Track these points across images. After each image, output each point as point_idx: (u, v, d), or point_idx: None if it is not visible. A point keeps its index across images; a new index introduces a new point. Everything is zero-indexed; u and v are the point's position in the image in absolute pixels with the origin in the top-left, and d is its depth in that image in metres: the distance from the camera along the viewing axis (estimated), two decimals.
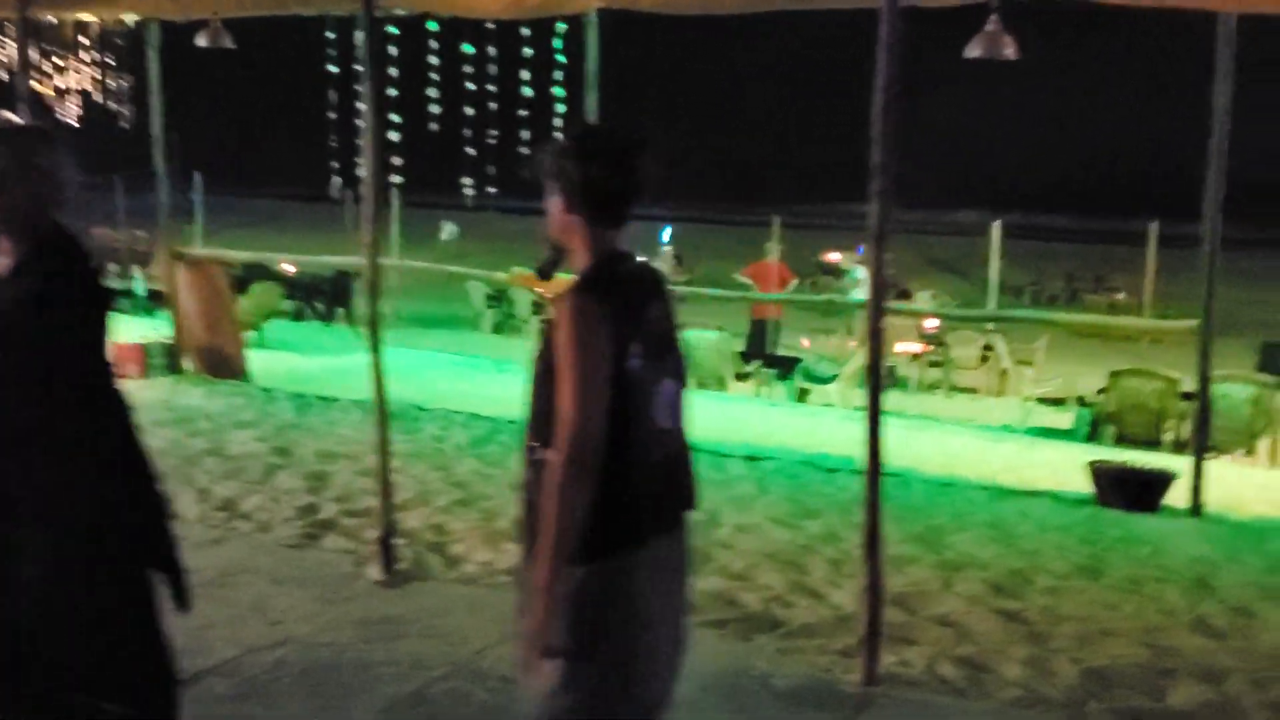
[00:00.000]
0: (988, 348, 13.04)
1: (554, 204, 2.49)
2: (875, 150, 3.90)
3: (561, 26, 7.34)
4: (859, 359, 11.51)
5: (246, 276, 16.44)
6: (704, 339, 10.62)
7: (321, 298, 17.76)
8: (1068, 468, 7.39)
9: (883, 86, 3.87)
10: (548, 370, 2.39)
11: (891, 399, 12.61)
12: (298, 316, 17.54)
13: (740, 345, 12.25)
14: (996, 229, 18.21)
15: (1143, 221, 20.01)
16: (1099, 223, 37.42)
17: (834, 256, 24.78)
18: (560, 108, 7.63)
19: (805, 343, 14.41)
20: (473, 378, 10.67)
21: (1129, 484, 6.52)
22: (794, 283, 16.92)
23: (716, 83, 55.83)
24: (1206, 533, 6.11)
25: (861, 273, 15.94)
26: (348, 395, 8.72)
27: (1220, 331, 7.05)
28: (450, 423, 8.06)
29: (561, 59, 7.39)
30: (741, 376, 10.71)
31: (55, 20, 8.67)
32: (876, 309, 4.16)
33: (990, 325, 14.23)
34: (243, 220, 34.18)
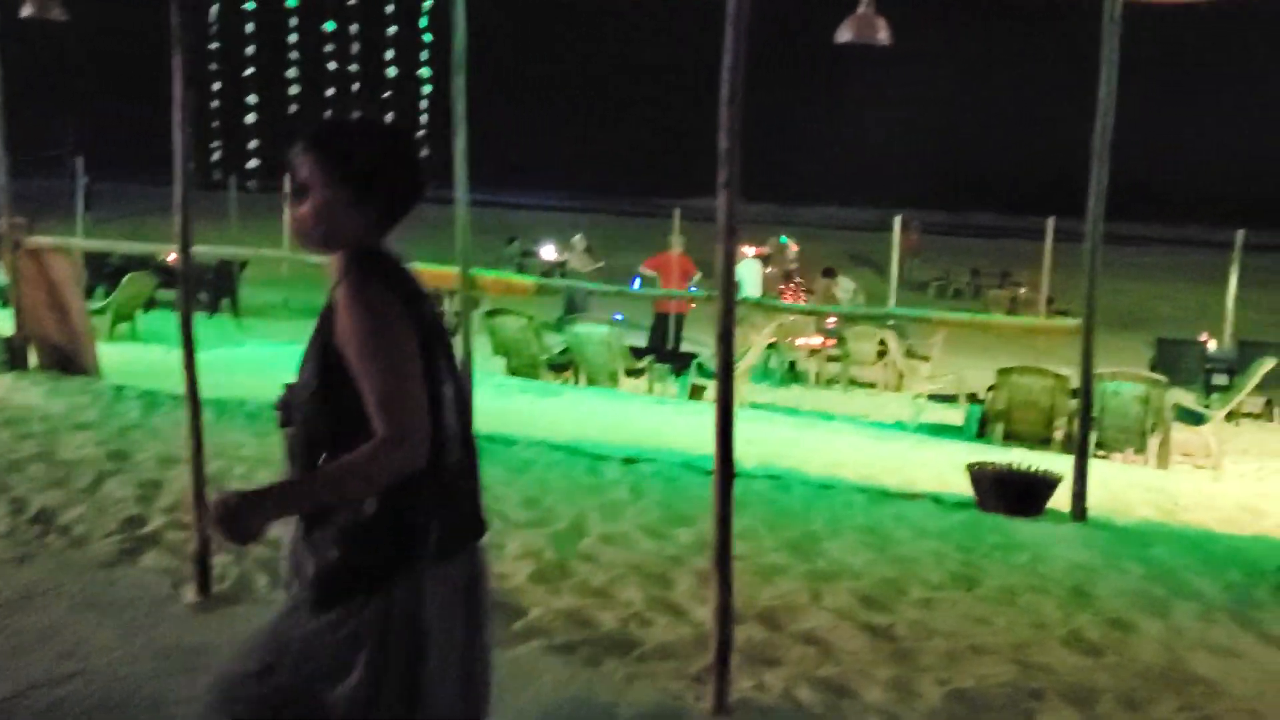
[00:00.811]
0: (883, 343, 12.90)
1: (330, 194, 2.24)
2: (722, 137, 3.56)
3: (428, 4, 6.89)
4: (750, 355, 11.28)
5: (124, 266, 15.69)
6: (594, 334, 10.26)
7: (204, 288, 17.03)
8: (953, 468, 7.19)
9: (729, 66, 3.54)
10: (332, 368, 2.18)
11: (790, 394, 12.58)
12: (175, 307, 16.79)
13: (635, 340, 11.91)
14: (897, 224, 18.26)
15: (1050, 218, 20.14)
16: (1013, 219, 37.88)
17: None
18: (427, 88, 7.19)
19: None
20: None
21: (1009, 487, 6.32)
22: (697, 275, 16.66)
23: (605, 70, 55.27)
24: (1088, 538, 5.92)
25: (749, 268, 15.75)
26: (207, 393, 8.17)
27: (1120, 327, 6.90)
28: None
29: (427, 38, 6.94)
30: (633, 373, 10.38)
31: None
32: (726, 311, 3.82)
33: (891, 321, 14.11)
34: (141, 209, 32.96)
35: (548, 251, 23.06)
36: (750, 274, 15.87)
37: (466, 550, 2.39)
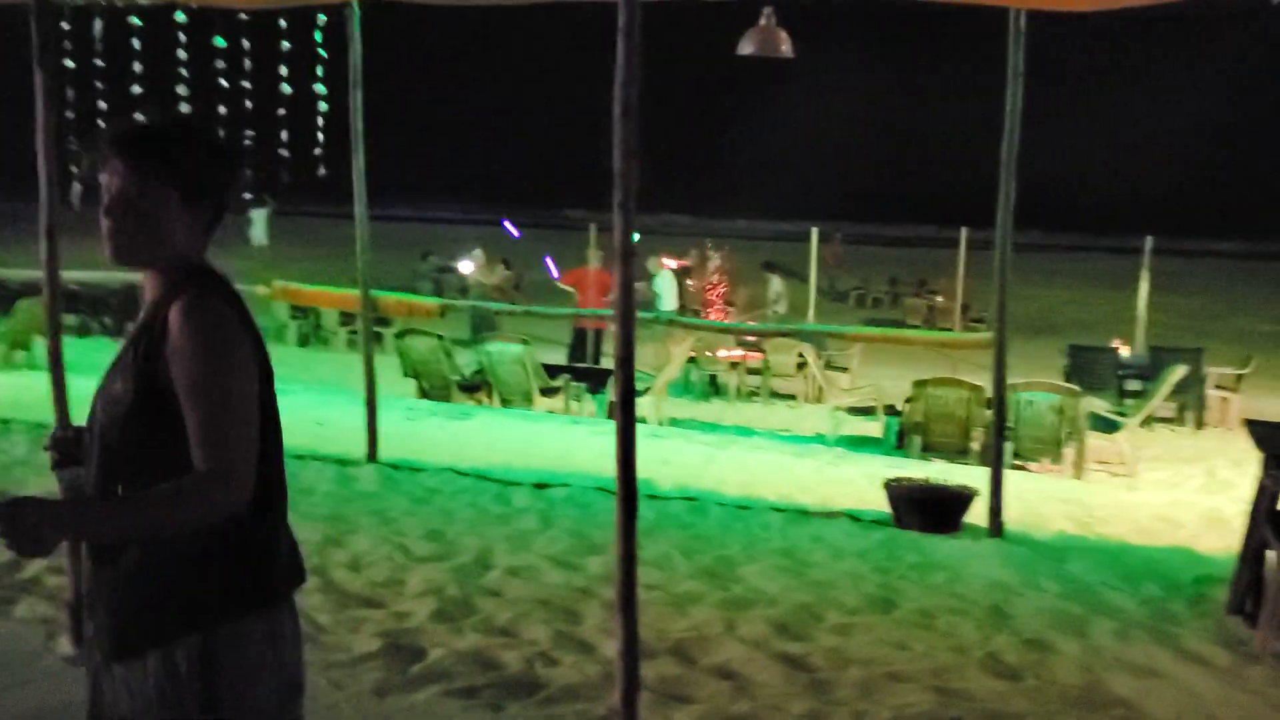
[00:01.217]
0: (802, 354, 12.85)
1: (157, 199, 2.03)
2: (616, 155, 3.39)
3: (322, 19, 6.66)
4: (669, 370, 11.14)
5: (21, 291, 15.09)
6: (506, 352, 10.03)
7: (108, 312, 16.46)
8: (872, 483, 7.09)
9: (622, 82, 3.37)
10: (152, 392, 1.97)
11: (710, 409, 12.45)
12: (82, 332, 16.22)
13: (548, 358, 11.69)
14: (814, 235, 18.36)
15: (963, 228, 20.35)
16: (928, 230, 38.35)
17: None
18: (323, 105, 6.95)
19: None
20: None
21: (925, 504, 6.23)
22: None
23: (505, 80, 54.93)
24: (1005, 555, 5.85)
25: (666, 280, 15.59)
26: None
27: (1033, 334, 6.85)
28: None
29: (323, 53, 6.71)
30: (548, 392, 10.16)
31: None
32: (625, 338, 3.65)
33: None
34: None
35: (465, 266, 22.71)
36: (667, 287, 15.72)
37: (280, 605, 2.17)
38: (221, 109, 7.37)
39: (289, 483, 2.21)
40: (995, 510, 6.16)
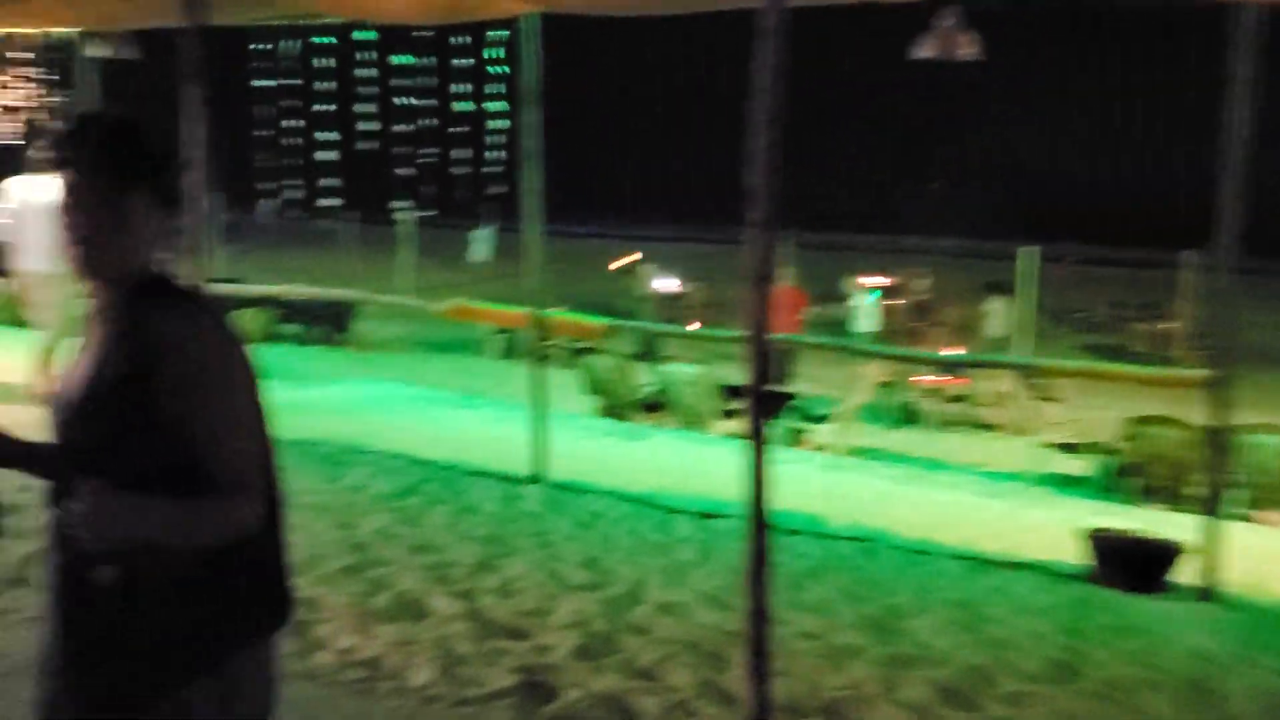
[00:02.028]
0: (1010, 382, 12.07)
1: (129, 202, 1.87)
2: (755, 169, 3.09)
3: (501, 35, 6.59)
4: (858, 395, 10.64)
5: (246, 301, 15.94)
6: (684, 373, 9.79)
7: (321, 322, 17.19)
8: (1069, 530, 6.47)
9: (765, 87, 3.07)
10: (135, 410, 1.83)
11: (901, 438, 11.85)
12: (298, 341, 17.01)
13: (728, 379, 11.37)
14: (1033, 255, 17.24)
15: (1191, 251, 18.88)
16: (1138, 251, 35.96)
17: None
18: (498, 124, 6.89)
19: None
20: (440, 411, 9.93)
21: (1127, 557, 5.60)
22: (810, 309, 15.99)
23: (690, 92, 54.39)
24: (1218, 621, 5.18)
25: (865, 301, 14.97)
26: (288, 434, 8.02)
27: (1272, 367, 6.11)
28: (383, 468, 7.31)
29: (501, 70, 6.63)
30: (726, 415, 9.86)
31: None
32: (758, 360, 3.34)
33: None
34: (262, 241, 33.84)
35: (664, 283, 22.59)
36: (867, 308, 15.14)
37: (270, 642, 2.04)
38: (407, 126, 7.41)
39: (458, 499, 2.06)
40: (1211, 567, 5.48)
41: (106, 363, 1.87)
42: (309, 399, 9.99)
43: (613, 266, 25.12)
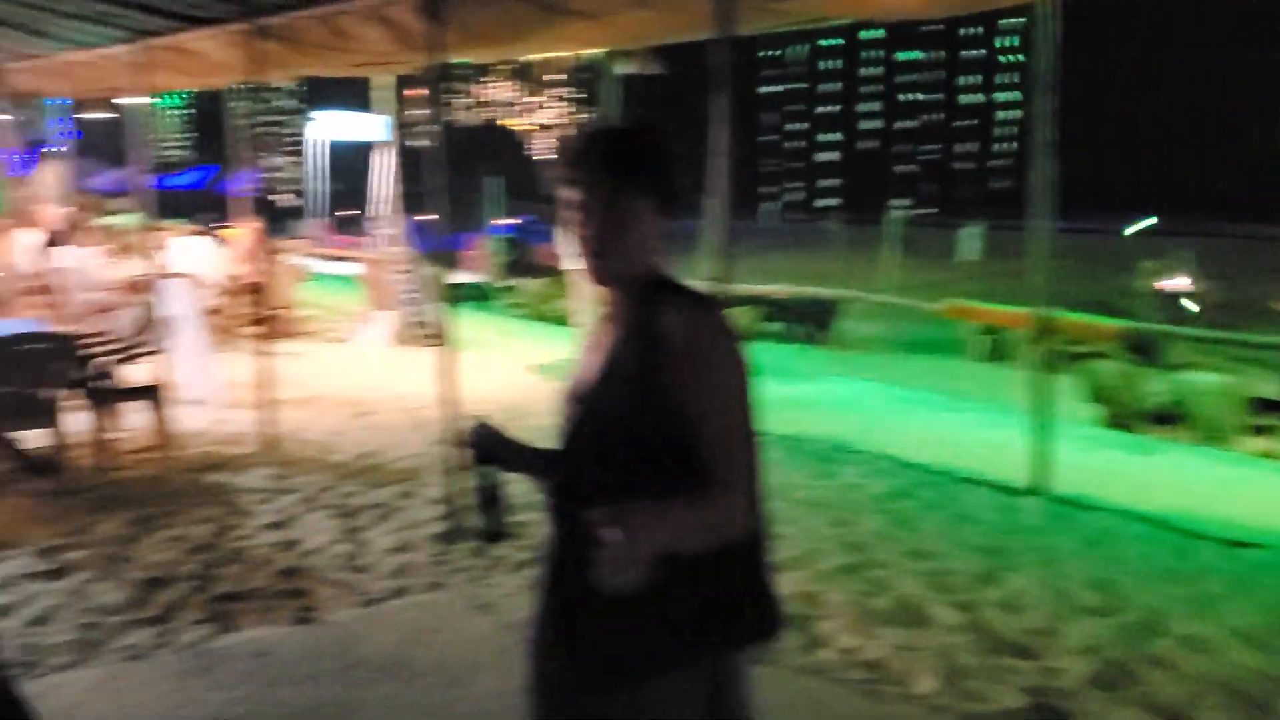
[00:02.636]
0: None
1: (640, 209, 1.95)
2: None
3: (1016, 22, 6.33)
4: None
5: (731, 303, 16.70)
6: (1201, 382, 8.87)
7: (802, 320, 17.58)
8: None
9: None
10: (652, 408, 1.88)
11: None
12: (782, 339, 17.52)
13: (1257, 390, 10.15)
14: None
15: None
16: None
17: None
18: (1007, 114, 6.61)
19: None
20: (926, 413, 9.76)
21: None
22: None
23: (1223, 76, 48.25)
24: None
25: None
26: (779, 429, 8.26)
27: None
28: (874, 468, 7.31)
29: (1014, 59, 6.37)
30: (1256, 431, 8.81)
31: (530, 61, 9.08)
32: None
33: None
34: (759, 244, 35.11)
35: (1173, 282, 20.72)
36: None
37: (754, 651, 2.05)
38: (911, 122, 7.33)
39: (953, 505, 2.04)
40: None
41: (618, 361, 1.95)
42: (795, 395, 10.22)
43: (1128, 231, 23.46)
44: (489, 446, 2.15)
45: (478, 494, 2.15)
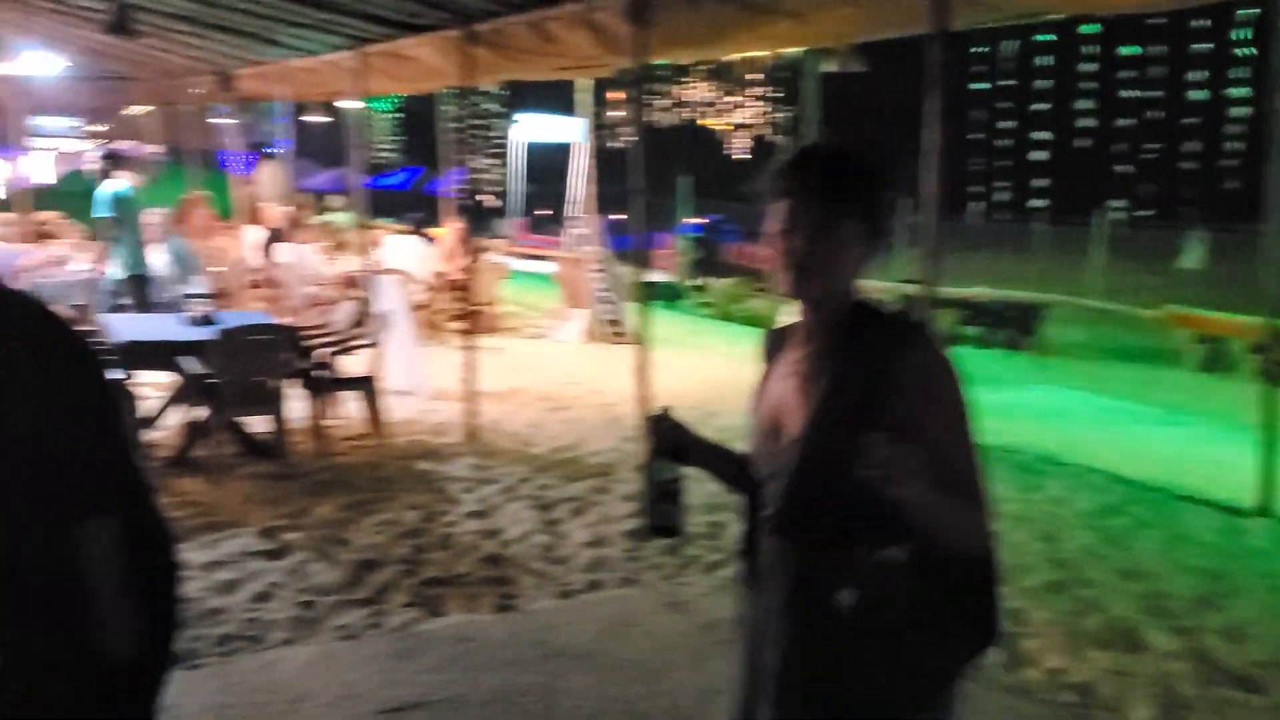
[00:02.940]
0: None
1: (850, 231, 1.92)
2: None
3: (1250, 13, 5.94)
4: None
5: (935, 304, 16.26)
6: None
7: (1005, 324, 16.96)
8: None
9: None
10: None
11: None
12: (981, 343, 16.96)
13: None
14: None
15: None
16: None
17: None
18: (1236, 111, 6.20)
19: None
20: (1139, 425, 9.29)
21: None
22: None
23: None
24: None
25: None
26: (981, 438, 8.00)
27: None
28: (1082, 483, 7.00)
29: (1247, 52, 5.98)
30: None
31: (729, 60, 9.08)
32: None
33: None
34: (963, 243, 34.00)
35: None
36: None
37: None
38: (1130, 120, 6.97)
39: (1170, 524, 1.94)
40: None
41: (833, 387, 1.91)
42: (998, 403, 9.89)
43: None
44: (670, 439, 2.11)
45: (652, 488, 2.09)
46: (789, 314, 2.08)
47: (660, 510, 2.07)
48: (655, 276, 20.45)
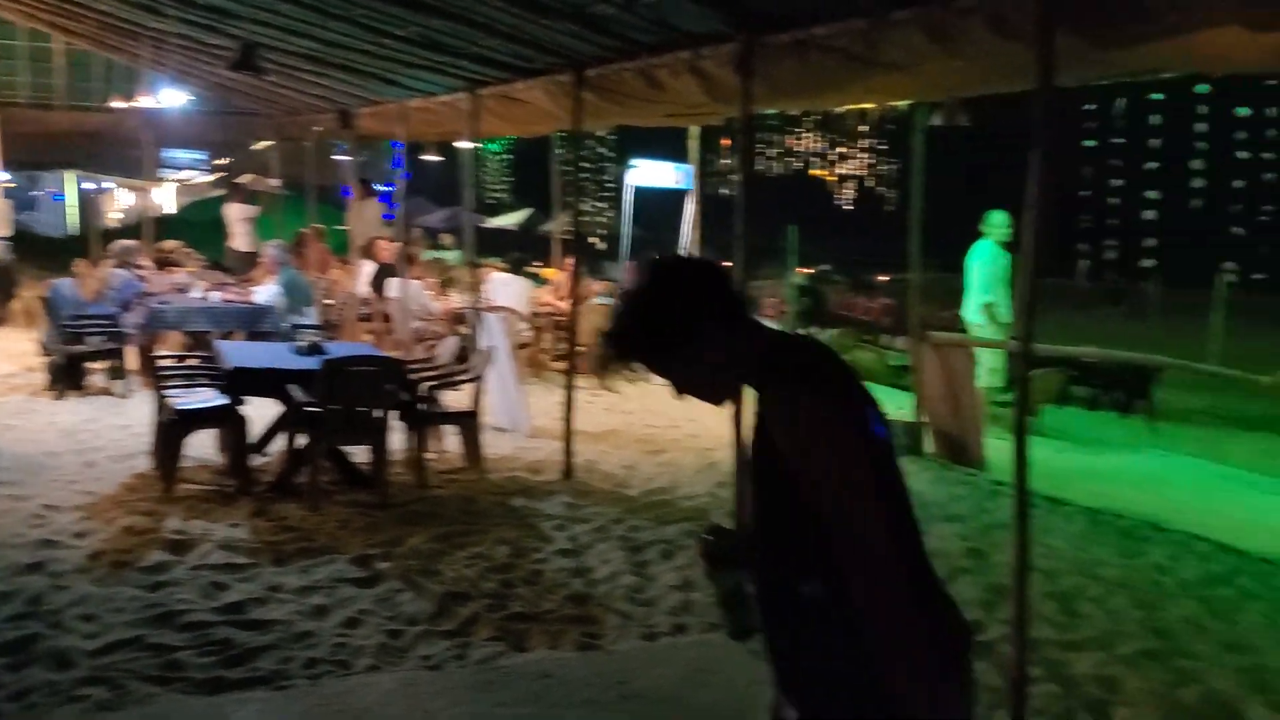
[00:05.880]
0: None
1: (697, 345, 2.07)
2: None
3: None
4: None
5: (1041, 361, 15.91)
6: None
7: (1117, 386, 16.48)
8: None
9: None
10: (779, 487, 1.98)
11: None
12: (1091, 405, 16.51)
13: None
14: None
15: None
16: None
17: None
18: None
19: None
20: (1252, 494, 8.92)
21: None
22: None
23: None
24: None
25: None
26: (1085, 500, 7.81)
27: None
28: (1186, 550, 6.76)
29: None
30: None
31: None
32: None
33: None
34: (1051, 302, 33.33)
35: None
36: None
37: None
38: (1244, 182, 6.80)
39: (1275, 597, 1.88)
40: None
41: (759, 443, 1.99)
42: (1104, 466, 9.63)
43: None
44: (724, 550, 2.20)
45: (720, 598, 2.19)
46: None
47: (734, 617, 2.17)
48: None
